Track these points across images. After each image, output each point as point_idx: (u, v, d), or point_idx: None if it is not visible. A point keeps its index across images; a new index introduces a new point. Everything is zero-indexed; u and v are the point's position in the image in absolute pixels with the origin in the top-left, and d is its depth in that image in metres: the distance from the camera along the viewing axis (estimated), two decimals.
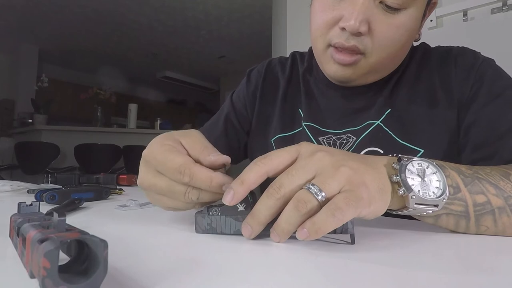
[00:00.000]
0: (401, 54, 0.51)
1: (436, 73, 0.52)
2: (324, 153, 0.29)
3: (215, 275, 0.21)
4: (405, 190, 0.29)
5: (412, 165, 0.31)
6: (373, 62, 0.48)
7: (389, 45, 0.46)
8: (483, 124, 0.47)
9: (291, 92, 0.63)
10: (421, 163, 0.31)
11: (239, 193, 0.28)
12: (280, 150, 0.30)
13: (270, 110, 0.63)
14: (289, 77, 0.64)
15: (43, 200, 0.48)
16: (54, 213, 0.20)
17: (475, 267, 0.24)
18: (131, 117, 3.97)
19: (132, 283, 0.19)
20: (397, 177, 0.30)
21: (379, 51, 0.46)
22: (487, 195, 0.33)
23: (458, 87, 0.50)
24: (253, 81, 0.68)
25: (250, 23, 4.00)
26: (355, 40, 0.45)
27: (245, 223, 0.29)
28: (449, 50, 0.54)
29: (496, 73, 0.49)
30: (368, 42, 0.46)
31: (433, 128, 0.49)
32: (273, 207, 0.27)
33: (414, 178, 0.30)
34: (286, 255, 0.26)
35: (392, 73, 0.54)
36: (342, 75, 0.50)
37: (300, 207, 0.26)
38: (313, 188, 0.26)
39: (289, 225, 0.27)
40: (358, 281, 0.20)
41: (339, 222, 0.26)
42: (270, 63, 0.69)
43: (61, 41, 4.63)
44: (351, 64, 0.47)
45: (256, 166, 0.29)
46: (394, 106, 0.52)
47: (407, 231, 0.35)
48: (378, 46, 0.46)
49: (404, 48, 0.49)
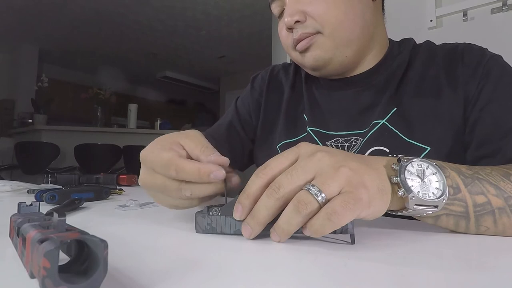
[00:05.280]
0: (354, 15, 0.51)
1: (442, 70, 0.52)
2: (324, 153, 0.29)
3: (215, 275, 0.21)
4: (404, 191, 0.29)
5: (411, 166, 0.31)
6: (330, 33, 0.51)
7: (329, 12, 0.50)
8: (488, 121, 0.46)
9: (295, 97, 0.63)
10: (421, 163, 0.31)
11: (246, 206, 0.29)
12: (279, 156, 0.30)
13: (274, 116, 0.64)
14: (292, 83, 0.65)
15: (43, 200, 0.48)
16: (54, 213, 0.20)
17: (475, 266, 0.24)
18: (131, 117, 3.96)
19: (132, 283, 0.19)
20: (396, 178, 0.30)
21: (326, 21, 0.50)
22: (487, 196, 0.33)
23: (465, 84, 0.49)
24: (257, 88, 0.69)
25: (250, 23, 4.00)
26: (301, 28, 0.52)
27: (245, 223, 0.29)
28: (456, 46, 0.54)
29: (503, 70, 0.49)
30: (313, 22, 0.51)
31: (439, 126, 0.49)
32: (272, 207, 0.28)
33: (413, 179, 0.30)
34: (286, 255, 0.26)
35: (394, 69, 0.55)
36: (315, 59, 0.53)
37: (300, 208, 0.26)
38: (313, 189, 0.26)
39: (289, 226, 0.27)
40: (358, 281, 0.20)
41: (336, 226, 0.26)
42: (273, 69, 0.70)
43: (61, 41, 4.63)
44: (312, 45, 0.52)
45: (258, 179, 0.29)
46: (400, 104, 0.52)
47: (407, 231, 0.35)
48: (321, 19, 0.50)
49: (352, 8, 0.51)
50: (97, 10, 3.72)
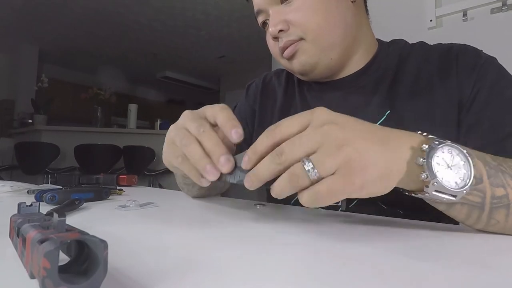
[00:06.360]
0: (334, 19, 0.53)
1: (436, 71, 0.52)
2: (334, 126, 0.28)
3: (215, 275, 0.21)
4: (428, 175, 0.29)
5: (442, 151, 0.30)
6: (313, 38, 0.53)
7: (310, 19, 0.52)
8: (486, 125, 0.46)
9: (288, 102, 0.65)
10: (451, 150, 0.30)
11: (252, 160, 0.31)
12: (291, 118, 0.31)
13: (269, 122, 0.65)
14: (285, 88, 0.66)
15: (43, 201, 0.48)
16: (54, 214, 0.20)
17: (478, 264, 0.24)
18: (131, 117, 3.96)
19: (132, 283, 0.19)
20: (423, 160, 0.29)
21: (307, 28, 0.52)
22: (506, 189, 0.32)
23: (459, 86, 0.49)
24: (251, 95, 0.71)
25: (250, 23, 3.99)
26: (285, 36, 0.54)
27: (248, 175, 0.31)
28: (450, 48, 0.53)
29: (499, 72, 0.49)
30: (296, 30, 0.53)
31: (433, 128, 0.48)
32: (273, 170, 0.29)
33: (441, 164, 0.29)
34: (285, 255, 0.26)
35: (383, 70, 0.55)
36: (301, 64, 0.55)
37: (292, 180, 0.28)
38: (307, 165, 0.27)
39: (281, 192, 0.29)
40: (358, 281, 0.20)
41: (321, 204, 0.28)
42: (266, 76, 0.72)
43: (61, 41, 4.63)
44: (297, 51, 0.54)
45: (266, 138, 0.30)
46: (394, 106, 0.52)
47: (407, 230, 0.35)
48: (303, 26, 0.52)
49: (331, 12, 0.53)
50: (97, 10, 3.72)
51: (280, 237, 0.32)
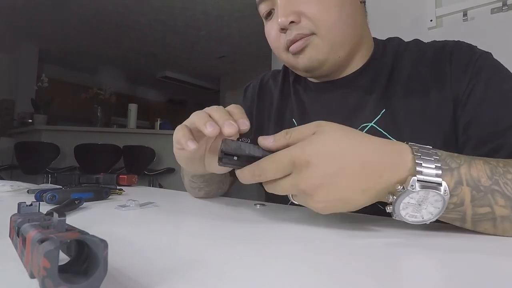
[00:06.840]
0: (347, 17, 0.52)
1: (431, 69, 0.51)
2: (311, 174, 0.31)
3: (215, 275, 0.21)
4: (393, 211, 0.31)
5: (417, 193, 0.30)
6: (325, 34, 0.50)
7: (324, 13, 0.50)
8: (483, 121, 0.45)
9: (284, 103, 0.64)
10: (429, 191, 0.30)
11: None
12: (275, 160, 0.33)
13: (266, 123, 0.65)
14: (281, 89, 0.66)
15: (43, 200, 0.48)
16: (54, 213, 0.20)
17: (476, 264, 0.24)
18: (131, 117, 3.96)
19: (132, 283, 0.19)
20: (393, 197, 0.31)
21: (321, 22, 0.50)
22: (493, 207, 0.31)
23: (454, 83, 0.49)
24: (248, 97, 0.71)
25: (250, 23, 3.99)
26: (295, 29, 0.51)
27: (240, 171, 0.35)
28: (445, 45, 0.53)
29: (494, 67, 0.48)
30: (308, 23, 0.50)
31: (428, 127, 0.48)
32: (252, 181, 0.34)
33: (410, 204, 0.31)
34: (285, 255, 0.26)
35: (380, 70, 0.55)
36: (310, 60, 0.52)
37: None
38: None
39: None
40: (358, 281, 0.20)
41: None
42: (263, 78, 0.72)
43: (61, 41, 4.63)
44: (307, 46, 0.51)
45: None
46: (389, 105, 0.52)
47: (407, 230, 0.35)
48: (317, 20, 0.50)
49: (345, 9, 0.51)
50: (97, 10, 3.72)
51: (279, 236, 0.32)
